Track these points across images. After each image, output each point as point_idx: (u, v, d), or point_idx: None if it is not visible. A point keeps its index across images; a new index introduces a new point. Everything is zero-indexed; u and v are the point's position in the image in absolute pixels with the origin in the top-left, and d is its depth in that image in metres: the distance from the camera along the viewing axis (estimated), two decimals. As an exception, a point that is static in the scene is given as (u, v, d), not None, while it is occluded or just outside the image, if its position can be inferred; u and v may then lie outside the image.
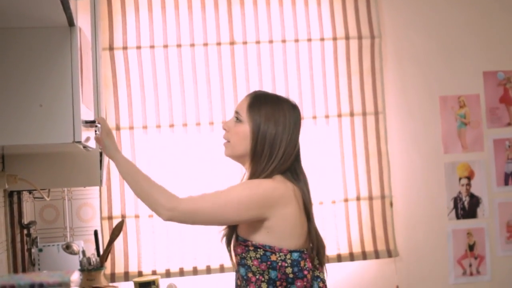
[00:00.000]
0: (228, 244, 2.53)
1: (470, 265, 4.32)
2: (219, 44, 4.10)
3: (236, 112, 2.53)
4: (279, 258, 2.39)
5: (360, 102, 4.19)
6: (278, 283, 2.38)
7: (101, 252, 3.64)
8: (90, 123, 2.33)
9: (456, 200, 4.32)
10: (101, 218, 3.95)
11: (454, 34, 4.39)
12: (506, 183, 4.40)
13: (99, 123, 2.52)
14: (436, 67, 4.36)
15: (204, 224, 2.50)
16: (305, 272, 2.41)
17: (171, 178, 3.99)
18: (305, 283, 2.41)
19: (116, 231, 3.62)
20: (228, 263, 4.00)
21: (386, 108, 4.25)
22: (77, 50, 2.13)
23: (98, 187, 3.94)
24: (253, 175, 2.47)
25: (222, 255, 3.99)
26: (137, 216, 3.96)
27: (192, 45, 4.07)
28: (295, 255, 2.40)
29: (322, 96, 4.16)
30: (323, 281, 2.49)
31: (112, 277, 3.92)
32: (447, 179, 4.33)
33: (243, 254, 2.43)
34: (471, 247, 4.33)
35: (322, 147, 4.16)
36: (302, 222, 2.45)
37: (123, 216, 3.95)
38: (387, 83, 4.28)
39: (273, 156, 2.44)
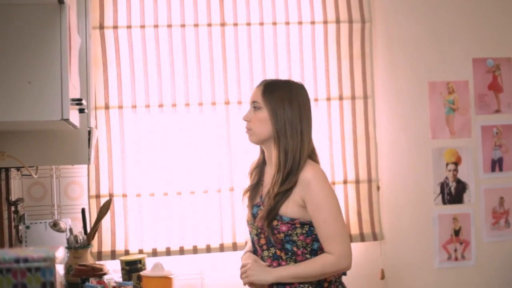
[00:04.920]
0: (269, 224, 2.72)
1: (455, 250, 4.35)
2: (209, 25, 4.09)
3: (253, 102, 2.81)
4: None
5: (349, 86, 4.20)
6: (319, 252, 2.72)
7: (88, 230, 3.65)
8: (77, 101, 2.33)
9: (443, 185, 4.35)
10: (89, 197, 3.95)
11: (445, 20, 4.40)
12: (493, 169, 4.43)
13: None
14: (425, 53, 4.36)
15: None
16: None
17: (159, 157, 4.01)
18: None
19: (103, 210, 3.63)
20: (214, 244, 4.03)
21: (375, 93, 4.26)
22: (66, 27, 2.13)
23: (86, 166, 3.94)
24: (286, 153, 2.72)
25: (208, 236, 4.02)
26: (124, 195, 3.97)
27: (183, 25, 4.06)
28: None
29: (312, 79, 4.16)
30: None
31: (99, 256, 3.94)
32: (434, 164, 4.35)
33: (289, 232, 2.70)
34: (456, 232, 4.36)
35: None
36: None
37: (111, 195, 3.96)
38: (377, 67, 4.29)
39: (297, 133, 2.72)
